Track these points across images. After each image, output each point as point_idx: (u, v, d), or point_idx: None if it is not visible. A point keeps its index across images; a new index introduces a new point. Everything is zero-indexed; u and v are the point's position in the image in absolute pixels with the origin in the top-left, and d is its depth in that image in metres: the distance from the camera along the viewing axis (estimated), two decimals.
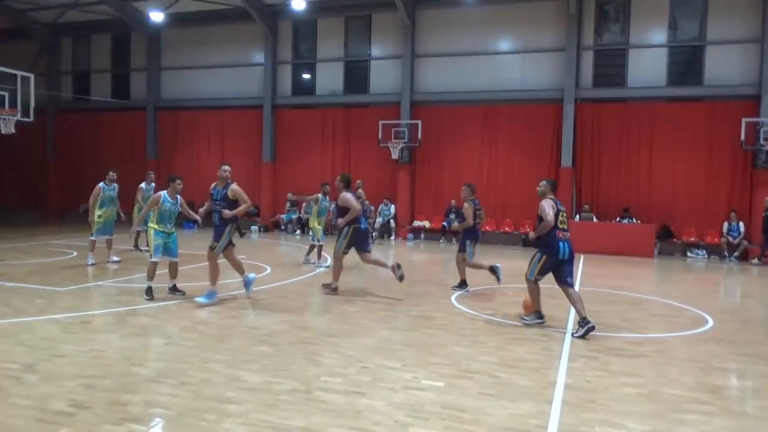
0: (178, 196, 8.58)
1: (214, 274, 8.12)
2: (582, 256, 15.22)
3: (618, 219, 16.70)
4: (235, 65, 21.25)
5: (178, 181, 8.58)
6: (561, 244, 7.19)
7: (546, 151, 17.76)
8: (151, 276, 8.29)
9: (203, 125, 21.71)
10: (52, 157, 24.14)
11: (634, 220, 16.56)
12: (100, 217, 11.30)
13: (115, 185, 11.64)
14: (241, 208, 8.10)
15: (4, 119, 13.60)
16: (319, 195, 12.22)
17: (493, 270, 9.61)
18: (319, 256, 12.24)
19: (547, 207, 7.26)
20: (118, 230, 12.17)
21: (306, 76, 20.76)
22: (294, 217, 19.80)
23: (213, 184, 8.51)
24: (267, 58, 20.47)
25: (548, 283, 7.53)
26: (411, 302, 8.79)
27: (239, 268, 8.44)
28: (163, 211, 8.29)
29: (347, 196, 9.05)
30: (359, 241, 9.10)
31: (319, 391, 4.76)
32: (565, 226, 7.34)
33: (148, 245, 8.72)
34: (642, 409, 4.60)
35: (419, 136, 18.38)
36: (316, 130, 20.23)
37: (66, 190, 23.21)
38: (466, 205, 9.78)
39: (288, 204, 20.02)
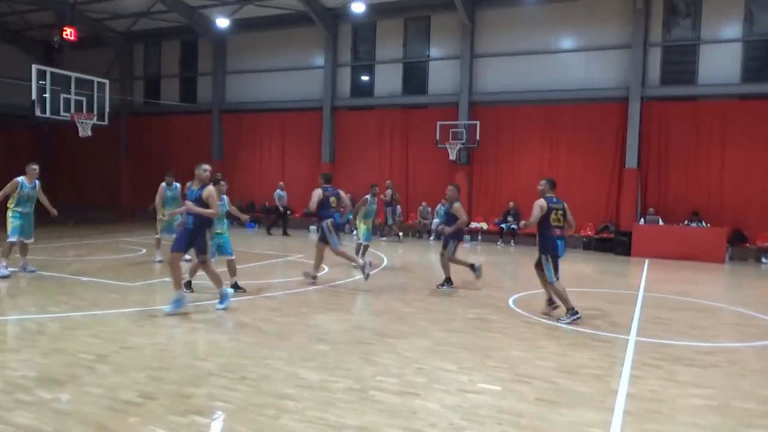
0: (225, 197, 8.85)
1: (216, 279, 7.73)
2: (647, 261, 14.65)
3: (686, 222, 15.96)
4: (295, 68, 21.69)
5: (223, 183, 8.86)
6: (557, 241, 7.69)
7: (609, 152, 17.20)
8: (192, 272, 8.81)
9: (265, 127, 22.27)
10: (125, 158, 25.38)
11: (704, 223, 15.77)
12: (164, 216, 11.75)
13: (176, 185, 12.03)
14: (206, 212, 7.29)
15: (82, 123, 14.41)
16: (368, 197, 12.26)
17: (473, 267, 10.03)
18: (363, 255, 12.28)
19: (536, 207, 7.76)
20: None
21: (365, 77, 20.95)
22: (350, 217, 19.97)
23: (188, 183, 8.24)
24: (327, 61, 20.78)
25: (610, 288, 7.29)
26: (467, 304, 8.72)
27: (217, 279, 7.73)
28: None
29: (457, 205, 9.75)
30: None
31: (374, 391, 4.80)
32: (561, 224, 7.78)
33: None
34: (711, 422, 4.38)
35: (477, 137, 18.19)
36: (374, 131, 20.37)
37: (137, 190, 24.32)
38: (457, 204, 9.88)
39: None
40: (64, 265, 11.15)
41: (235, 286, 8.83)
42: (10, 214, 9.87)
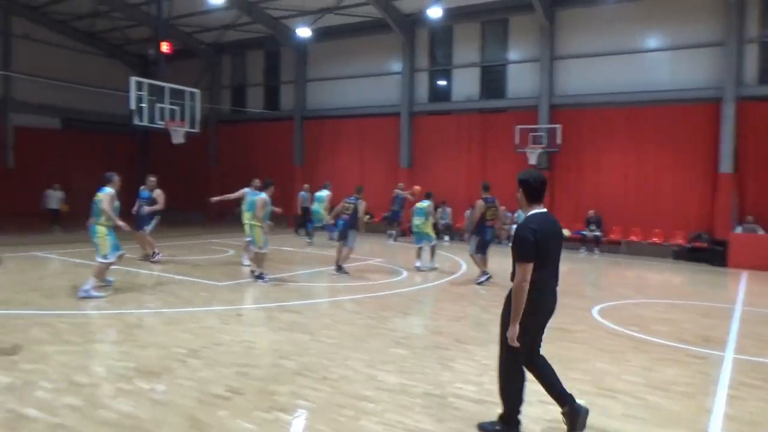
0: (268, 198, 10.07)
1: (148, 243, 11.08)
2: (745, 273, 13.69)
3: None
4: (373, 74, 22.00)
5: (272, 188, 10.26)
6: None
7: (701, 156, 16.20)
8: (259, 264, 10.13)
9: (344, 133, 22.72)
10: (214, 163, 26.67)
11: None
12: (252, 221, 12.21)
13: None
14: (155, 207, 11.86)
15: (176, 130, 15.29)
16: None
17: (484, 273, 10.65)
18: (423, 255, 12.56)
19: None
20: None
21: (442, 82, 20.93)
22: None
23: (142, 187, 12.28)
24: (404, 66, 20.94)
25: (703, 300, 6.89)
26: None
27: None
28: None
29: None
30: None
31: (453, 398, 4.79)
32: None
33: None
34: None
35: (558, 141, 17.69)
36: (451, 135, 20.28)
37: (225, 194, 25.44)
38: (479, 202, 10.59)
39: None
40: (161, 265, 11.88)
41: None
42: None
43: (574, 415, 4.06)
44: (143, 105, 14.47)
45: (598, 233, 17.12)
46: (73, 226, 17.22)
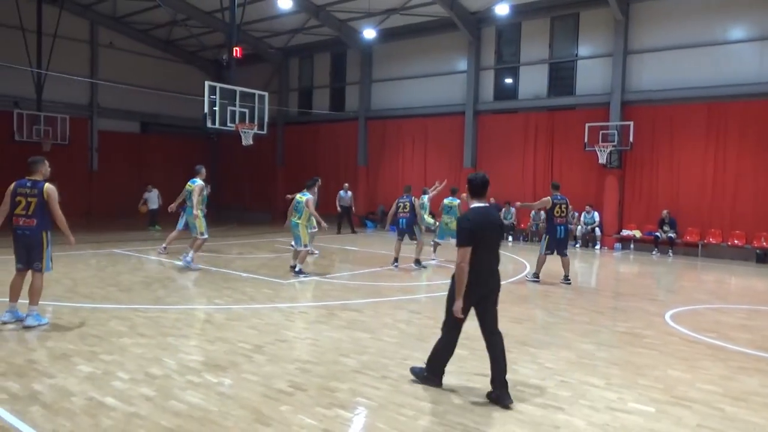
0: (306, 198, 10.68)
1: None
2: None
3: None
4: (438, 74, 21.89)
5: (314, 188, 10.88)
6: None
7: None
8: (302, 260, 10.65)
9: (408, 133, 22.74)
10: (281, 164, 27.37)
11: None
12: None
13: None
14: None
15: (245, 132, 15.80)
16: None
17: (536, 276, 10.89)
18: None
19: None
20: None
21: (509, 80, 20.55)
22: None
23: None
24: (470, 65, 20.71)
25: None
26: (617, 317, 8.19)
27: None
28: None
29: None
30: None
31: (515, 401, 4.69)
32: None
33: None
34: None
35: (630, 139, 16.97)
36: (518, 134, 19.88)
37: (292, 193, 26.07)
38: (545, 199, 10.85)
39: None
40: (229, 262, 12.33)
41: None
42: (200, 214, 11.17)
43: (430, 380, 5.03)
44: (216, 108, 15.01)
45: (672, 234, 16.31)
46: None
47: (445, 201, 13.05)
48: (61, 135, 21.72)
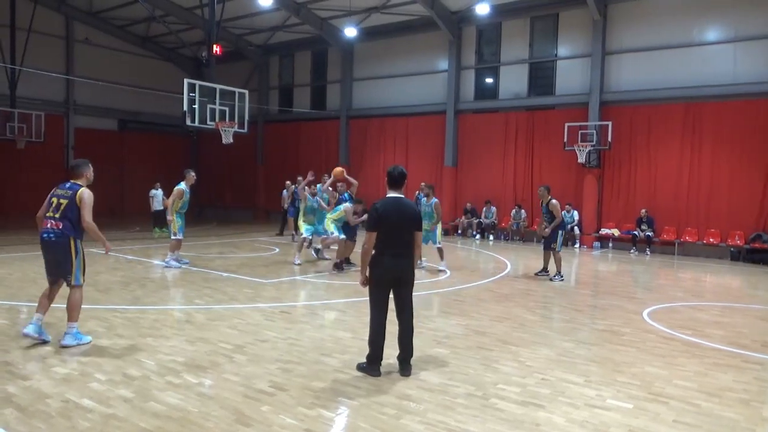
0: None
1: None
2: None
3: None
4: (419, 73, 21.93)
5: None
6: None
7: (762, 153, 15.40)
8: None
9: (390, 132, 22.75)
10: (261, 163, 27.20)
11: None
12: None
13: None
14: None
15: (225, 131, 15.66)
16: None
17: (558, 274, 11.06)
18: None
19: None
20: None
21: (489, 80, 20.67)
22: (476, 221, 19.83)
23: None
24: (451, 65, 20.79)
25: (763, 304, 6.56)
26: (596, 315, 8.29)
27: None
28: None
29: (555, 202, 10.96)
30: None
31: (495, 399, 4.73)
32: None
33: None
34: None
35: (609, 139, 17.19)
36: (498, 134, 20.01)
37: (272, 192, 25.96)
38: (554, 201, 10.93)
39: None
40: (209, 261, 12.21)
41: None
42: (176, 216, 11.20)
43: (367, 369, 5.30)
44: (195, 106, 14.85)
45: (650, 233, 16.57)
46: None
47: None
48: (36, 132, 21.29)
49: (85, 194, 5.89)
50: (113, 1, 22.91)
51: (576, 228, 17.83)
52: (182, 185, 11.25)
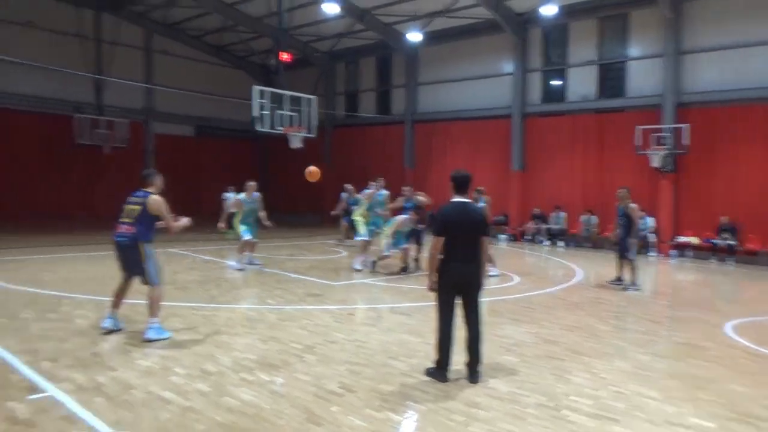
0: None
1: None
2: None
3: None
4: (484, 76, 21.69)
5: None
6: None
7: None
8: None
9: (455, 136, 22.61)
10: (328, 168, 27.63)
11: None
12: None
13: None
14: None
15: (294, 136, 16.07)
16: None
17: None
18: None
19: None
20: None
21: (556, 82, 20.19)
22: (544, 227, 19.39)
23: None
24: (516, 67, 20.45)
25: None
26: (674, 327, 7.93)
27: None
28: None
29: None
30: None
31: (567, 410, 4.61)
32: None
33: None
34: None
35: (685, 142, 16.37)
36: (566, 137, 19.49)
37: (338, 196, 26.31)
38: (633, 205, 10.57)
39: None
40: (280, 263, 12.55)
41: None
42: (240, 224, 11.70)
43: (435, 374, 5.25)
44: (265, 112, 15.32)
45: (732, 242, 15.65)
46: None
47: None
48: (120, 138, 22.61)
49: (154, 200, 6.30)
50: (189, 12, 23.97)
51: (651, 235, 17.07)
52: (242, 196, 11.83)
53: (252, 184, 12.02)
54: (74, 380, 4.90)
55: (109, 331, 6.42)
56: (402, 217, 11.43)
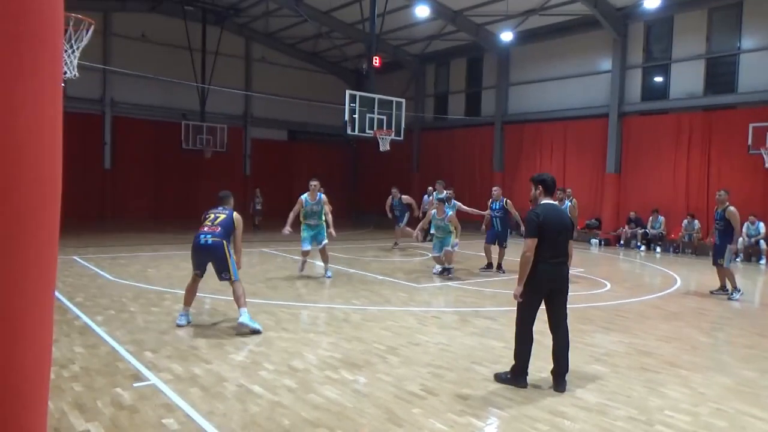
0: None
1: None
2: None
3: None
4: (579, 75, 20.90)
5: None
6: None
7: None
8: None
9: (546, 137, 21.97)
10: (416, 170, 27.81)
11: None
12: None
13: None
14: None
15: (383, 138, 16.32)
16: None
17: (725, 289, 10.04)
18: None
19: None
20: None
21: (658, 79, 19.08)
22: (640, 231, 18.40)
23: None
24: (615, 65, 19.53)
25: None
26: None
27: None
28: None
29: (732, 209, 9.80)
30: None
31: (661, 426, 4.36)
32: None
33: None
34: None
35: None
36: (668, 136, 18.36)
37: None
38: (732, 208, 9.82)
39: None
40: (366, 264, 12.78)
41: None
42: (302, 227, 10.80)
43: (512, 381, 5.16)
44: (355, 116, 15.67)
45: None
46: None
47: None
48: (220, 143, 24.01)
49: (239, 219, 6.93)
50: (286, 21, 24.99)
51: (762, 242, 15.71)
52: (304, 196, 10.68)
53: (315, 183, 10.55)
54: (173, 370, 5.27)
55: (179, 326, 6.81)
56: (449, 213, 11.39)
